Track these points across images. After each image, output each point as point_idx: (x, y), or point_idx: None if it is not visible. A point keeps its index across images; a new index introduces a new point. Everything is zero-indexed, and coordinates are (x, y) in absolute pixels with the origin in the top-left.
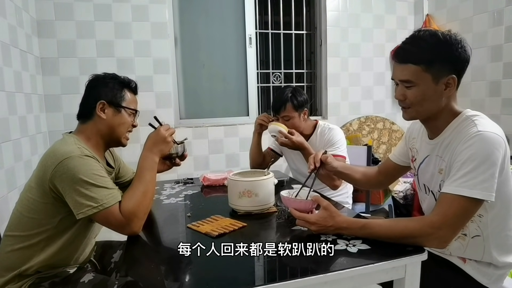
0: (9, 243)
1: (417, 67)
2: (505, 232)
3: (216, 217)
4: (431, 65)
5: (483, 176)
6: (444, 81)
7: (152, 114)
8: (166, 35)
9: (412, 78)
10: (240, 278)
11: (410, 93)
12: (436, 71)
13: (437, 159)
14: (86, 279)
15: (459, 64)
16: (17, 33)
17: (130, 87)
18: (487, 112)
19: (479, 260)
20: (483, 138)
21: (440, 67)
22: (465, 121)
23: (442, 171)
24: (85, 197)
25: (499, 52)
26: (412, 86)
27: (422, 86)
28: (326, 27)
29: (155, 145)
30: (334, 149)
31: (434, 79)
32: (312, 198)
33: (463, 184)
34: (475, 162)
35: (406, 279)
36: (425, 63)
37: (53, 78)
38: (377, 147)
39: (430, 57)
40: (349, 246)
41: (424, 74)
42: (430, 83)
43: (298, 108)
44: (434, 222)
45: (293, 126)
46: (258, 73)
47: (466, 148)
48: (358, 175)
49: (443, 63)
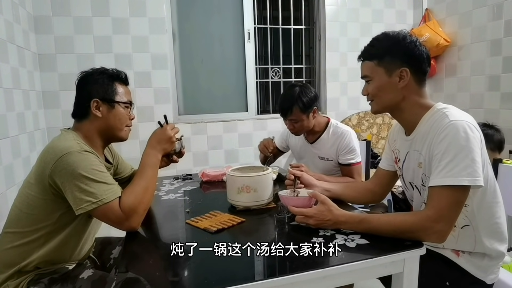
0: (8, 239)
1: (371, 62)
2: (494, 220)
3: (215, 212)
4: (382, 59)
5: (464, 163)
6: (397, 73)
7: (151, 110)
8: (164, 31)
9: (368, 73)
10: (240, 273)
11: (369, 87)
12: (387, 64)
13: (415, 153)
14: (85, 275)
15: (408, 57)
16: (14, 29)
17: (121, 79)
18: (486, 107)
19: (472, 252)
20: (456, 126)
21: (390, 60)
22: (437, 114)
23: (421, 165)
24: (84, 193)
25: (499, 46)
26: (370, 80)
27: (377, 79)
28: (325, 22)
29: (159, 143)
30: (353, 156)
31: (387, 71)
32: (309, 194)
33: (448, 174)
34: (453, 151)
35: (405, 274)
36: (376, 58)
37: (50, 74)
38: (376, 142)
39: (380, 52)
40: (347, 241)
41: (377, 68)
42: (384, 76)
43: (306, 110)
44: (430, 215)
45: (301, 128)
46: (256, 68)
47: (442, 139)
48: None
49: (392, 56)
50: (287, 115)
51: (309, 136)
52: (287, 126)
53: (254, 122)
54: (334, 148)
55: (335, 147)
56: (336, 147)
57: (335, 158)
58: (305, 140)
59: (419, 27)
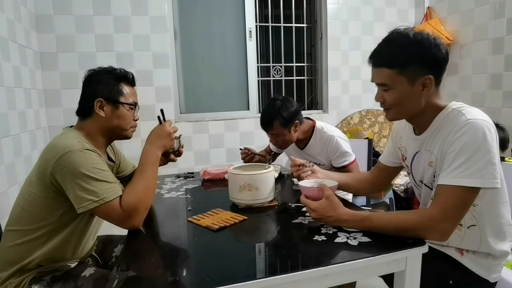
0: (11, 237)
1: (391, 70)
2: (499, 220)
3: (217, 210)
4: (405, 68)
5: (479, 164)
6: (420, 82)
7: (153, 108)
8: (166, 29)
9: (388, 81)
10: (241, 270)
11: (388, 95)
12: (410, 73)
13: (426, 153)
14: (87, 273)
15: (434, 64)
16: (16, 27)
17: (127, 80)
18: (488, 105)
19: (476, 251)
20: (474, 125)
21: (414, 68)
22: (452, 113)
23: (432, 164)
24: (86, 191)
25: (501, 45)
26: (389, 89)
27: (398, 89)
28: (326, 20)
29: (159, 139)
30: (345, 158)
31: (410, 81)
32: (318, 186)
33: (460, 175)
34: (469, 151)
35: (407, 272)
36: (398, 66)
37: (52, 73)
38: (378, 141)
39: (402, 60)
40: (349, 239)
41: (398, 77)
42: (406, 85)
43: (287, 124)
44: (434, 214)
45: (284, 142)
46: (258, 66)
47: (458, 137)
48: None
49: (417, 64)
50: (268, 129)
51: (298, 143)
52: (270, 140)
53: (255, 121)
54: (324, 153)
55: (325, 153)
56: (325, 152)
57: (327, 163)
58: (296, 147)
59: (421, 26)
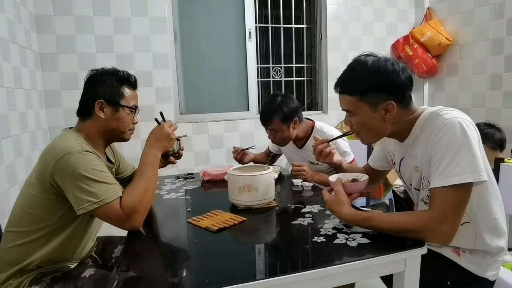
0: (11, 238)
1: (352, 97)
2: (493, 216)
3: (216, 211)
4: (364, 95)
5: (466, 160)
6: (382, 107)
7: (153, 109)
8: (166, 30)
9: (351, 108)
10: (241, 272)
11: (353, 120)
12: (371, 100)
13: (411, 158)
14: (87, 274)
15: (394, 89)
16: (16, 28)
17: (130, 83)
18: (488, 106)
19: (473, 250)
20: (452, 124)
21: (373, 95)
22: (430, 116)
23: (418, 168)
24: (85, 193)
25: (501, 45)
26: (353, 114)
27: (361, 114)
28: (326, 21)
29: (158, 141)
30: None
31: (372, 107)
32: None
33: (451, 174)
34: (454, 150)
35: (406, 273)
36: (358, 94)
37: (52, 73)
38: None
39: (362, 88)
40: (349, 240)
41: (360, 103)
42: (368, 111)
43: (286, 120)
44: (433, 217)
45: (282, 139)
46: (258, 67)
47: (440, 138)
48: None
49: (375, 92)
50: (267, 124)
51: (297, 141)
52: (268, 136)
53: (255, 122)
54: None
55: None
56: None
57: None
58: (294, 145)
59: (421, 26)
